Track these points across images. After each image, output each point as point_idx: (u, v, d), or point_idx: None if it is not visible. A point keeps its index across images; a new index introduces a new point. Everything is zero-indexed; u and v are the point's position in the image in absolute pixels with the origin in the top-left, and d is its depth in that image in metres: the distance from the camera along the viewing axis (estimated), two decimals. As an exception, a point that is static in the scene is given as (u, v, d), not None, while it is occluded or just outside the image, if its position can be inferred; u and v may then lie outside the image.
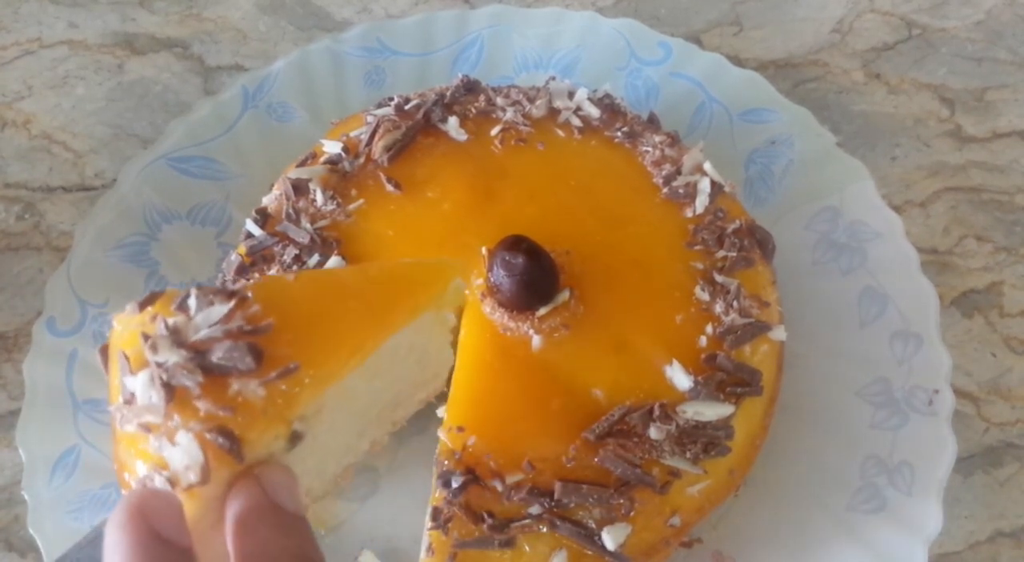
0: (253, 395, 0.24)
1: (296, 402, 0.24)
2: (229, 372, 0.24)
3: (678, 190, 0.41)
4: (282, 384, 0.24)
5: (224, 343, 0.24)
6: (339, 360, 0.26)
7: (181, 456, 0.23)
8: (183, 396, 0.23)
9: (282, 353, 0.24)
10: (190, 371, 0.23)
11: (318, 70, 0.50)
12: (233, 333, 0.24)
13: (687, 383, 0.35)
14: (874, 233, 0.43)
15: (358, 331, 0.26)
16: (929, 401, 0.38)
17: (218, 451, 0.23)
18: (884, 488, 0.37)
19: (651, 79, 0.50)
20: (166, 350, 0.24)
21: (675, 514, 0.34)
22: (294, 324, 0.25)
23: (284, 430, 0.25)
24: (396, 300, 0.28)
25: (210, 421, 0.23)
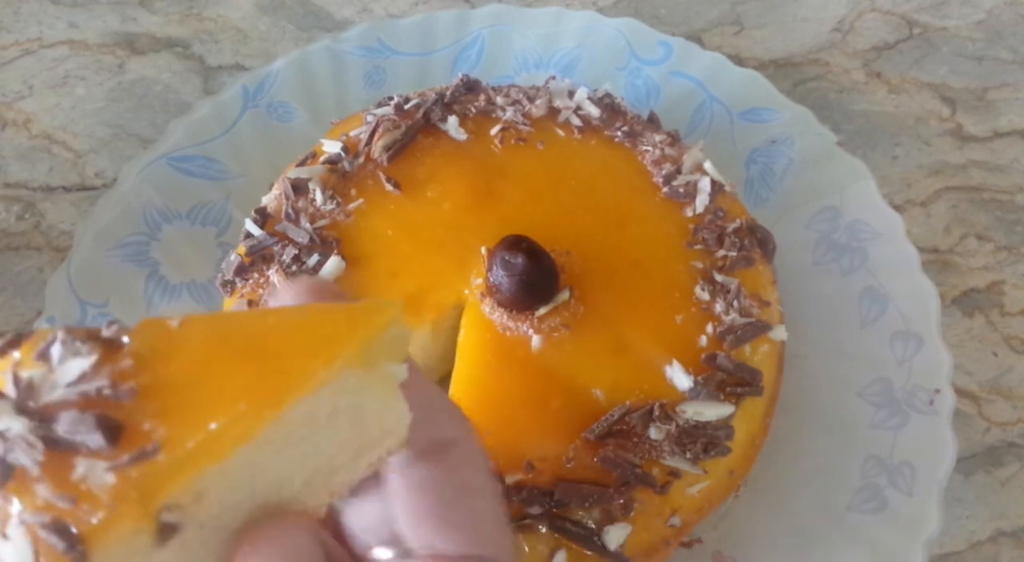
0: (101, 481, 0.19)
1: (158, 490, 0.19)
2: (75, 449, 0.19)
3: (678, 189, 0.40)
4: (137, 469, 0.19)
5: (71, 413, 0.19)
6: (217, 437, 0.20)
7: (11, 554, 0.19)
8: (21, 476, 0.19)
9: (144, 428, 0.19)
10: (30, 445, 0.19)
11: (318, 70, 0.50)
12: (89, 398, 0.19)
13: (687, 383, 0.35)
14: (875, 232, 0.43)
15: (246, 398, 0.20)
16: (930, 401, 0.38)
17: (52, 552, 0.18)
18: (884, 488, 0.37)
19: (651, 78, 0.50)
20: (7, 416, 0.19)
21: (675, 514, 0.34)
22: (166, 387, 0.20)
23: (147, 524, 0.19)
24: (300, 357, 0.21)
25: (46, 512, 0.18)
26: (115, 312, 0.42)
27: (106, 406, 0.19)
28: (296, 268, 0.38)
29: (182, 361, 0.20)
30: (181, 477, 0.19)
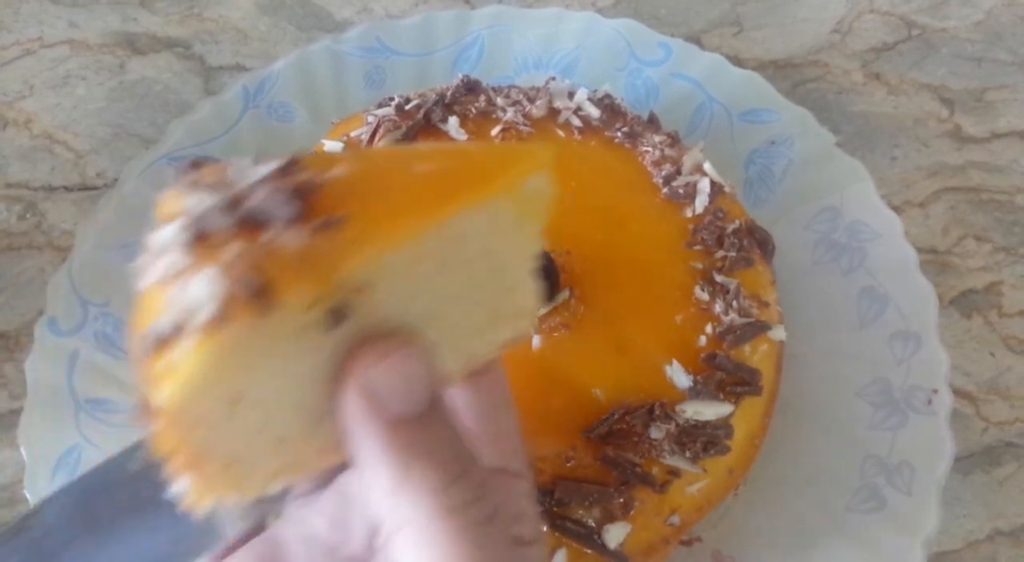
0: (291, 243, 0.20)
1: (341, 261, 0.20)
2: (267, 219, 0.20)
3: (678, 190, 0.41)
4: (326, 236, 0.20)
5: (265, 190, 0.21)
6: (396, 221, 0.21)
7: (196, 295, 0.19)
8: (211, 240, 0.20)
9: (330, 207, 0.21)
10: (224, 213, 0.20)
11: (318, 70, 0.50)
12: (277, 182, 0.21)
13: (687, 382, 0.35)
14: (874, 233, 0.43)
15: (420, 195, 0.22)
16: (928, 401, 0.39)
17: (239, 295, 0.19)
18: (883, 487, 0.37)
19: (651, 79, 0.50)
20: (200, 192, 0.21)
21: (674, 513, 0.34)
22: (347, 183, 0.22)
23: (325, 294, 0.21)
24: (465, 172, 0.23)
25: (237, 264, 0.20)
26: (117, 311, 0.43)
27: (293, 190, 0.20)
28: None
29: (357, 168, 0.22)
30: (362, 252, 0.21)
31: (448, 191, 0.22)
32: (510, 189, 0.24)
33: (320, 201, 0.21)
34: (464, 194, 0.23)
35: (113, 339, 0.42)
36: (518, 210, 0.25)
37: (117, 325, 0.42)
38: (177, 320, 0.19)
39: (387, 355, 0.21)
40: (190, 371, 0.19)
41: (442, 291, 0.24)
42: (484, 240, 0.24)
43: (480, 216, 0.23)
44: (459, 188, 0.23)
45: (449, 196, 0.22)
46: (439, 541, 0.20)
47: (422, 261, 0.23)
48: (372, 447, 0.20)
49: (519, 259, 0.26)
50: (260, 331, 0.20)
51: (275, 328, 0.20)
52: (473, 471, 0.21)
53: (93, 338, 0.42)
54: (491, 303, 0.26)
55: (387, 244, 0.21)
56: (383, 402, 0.20)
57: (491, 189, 0.23)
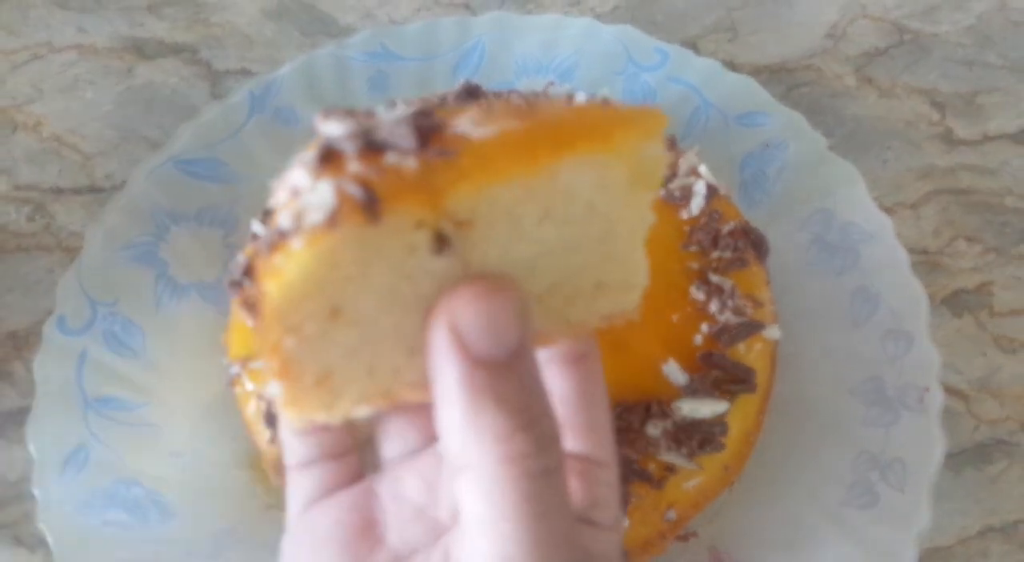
0: (406, 166, 0.21)
1: (448, 187, 0.21)
2: (389, 147, 0.22)
3: (674, 192, 0.42)
4: (437, 164, 0.21)
5: (392, 123, 0.22)
6: (505, 158, 0.22)
7: (314, 198, 0.21)
8: (337, 159, 0.22)
9: (450, 140, 0.22)
10: (352, 139, 0.22)
11: (323, 74, 0.51)
12: (403, 118, 0.22)
13: (683, 380, 0.36)
14: (866, 234, 0.44)
15: (534, 139, 0.23)
16: (920, 399, 0.39)
17: (352, 201, 0.20)
18: (876, 484, 0.38)
19: (648, 84, 0.51)
20: (335, 122, 0.22)
21: (671, 508, 0.35)
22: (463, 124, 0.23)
23: (431, 218, 0.21)
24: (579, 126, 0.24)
25: (355, 177, 0.21)
26: (125, 311, 0.43)
27: (416, 124, 0.22)
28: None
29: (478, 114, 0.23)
30: (468, 181, 0.21)
31: (561, 140, 0.23)
32: (623, 148, 0.23)
33: (440, 139, 0.22)
34: (576, 144, 0.23)
35: (121, 338, 0.43)
36: (631, 173, 0.24)
37: (125, 324, 0.43)
38: (294, 218, 0.20)
39: (481, 295, 0.21)
40: (297, 269, 0.20)
41: (545, 243, 0.24)
42: (593, 198, 0.24)
43: (590, 170, 0.23)
44: (572, 138, 0.23)
45: (561, 144, 0.23)
46: (496, 487, 0.20)
47: (527, 204, 0.23)
48: (449, 384, 0.20)
49: (629, 227, 0.26)
50: (367, 240, 0.21)
51: (382, 240, 0.21)
52: (543, 423, 0.21)
53: (102, 337, 0.43)
54: (595, 269, 0.26)
55: (493, 178, 0.22)
56: (467, 340, 0.21)
57: (604, 144, 0.23)
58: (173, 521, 0.38)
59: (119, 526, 0.38)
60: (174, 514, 0.39)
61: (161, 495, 0.39)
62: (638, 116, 0.24)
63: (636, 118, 0.24)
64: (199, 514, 0.39)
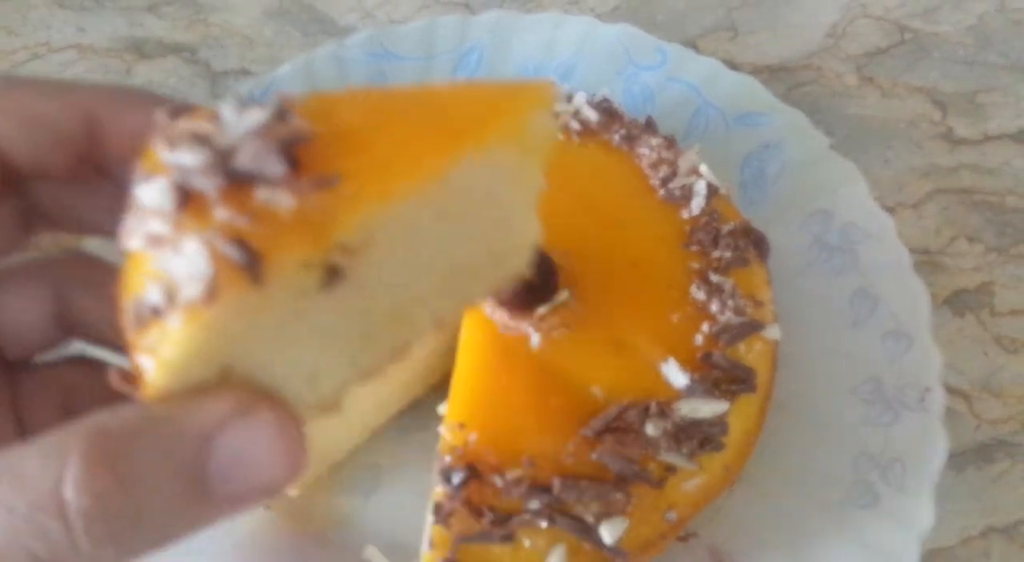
0: (281, 205, 0.19)
1: (335, 219, 0.19)
2: (256, 179, 0.19)
3: (674, 192, 0.41)
4: (318, 196, 0.19)
5: (252, 146, 0.19)
6: (391, 177, 0.20)
7: (186, 265, 0.18)
8: (199, 202, 0.19)
9: (322, 163, 0.20)
10: (210, 173, 0.19)
11: (322, 75, 0.50)
12: (269, 135, 0.20)
13: (683, 381, 0.36)
14: (867, 234, 0.44)
15: (419, 144, 0.21)
16: (921, 398, 0.39)
17: (231, 265, 0.18)
18: (877, 484, 0.38)
19: (648, 84, 0.51)
20: (185, 149, 0.19)
21: (671, 509, 0.35)
22: (341, 134, 0.20)
23: (319, 256, 0.19)
24: (464, 117, 0.22)
25: (226, 230, 0.18)
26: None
27: (283, 144, 0.19)
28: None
29: (353, 116, 0.21)
30: (358, 209, 0.19)
31: (446, 139, 0.21)
32: (510, 131, 0.22)
33: (312, 156, 0.19)
34: (462, 141, 0.21)
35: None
36: (520, 150, 0.23)
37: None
38: (166, 292, 0.18)
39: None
40: (176, 349, 0.18)
41: (443, 242, 0.23)
42: (485, 185, 0.23)
43: (480, 163, 0.22)
44: (457, 135, 0.21)
45: (447, 145, 0.21)
46: None
47: (421, 212, 0.21)
48: None
49: (521, 197, 0.25)
50: (252, 302, 0.18)
51: (267, 295, 0.19)
52: None
53: (100, 338, 0.42)
54: (490, 244, 0.25)
55: (383, 200, 0.20)
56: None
57: (490, 134, 0.22)
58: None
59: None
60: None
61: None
62: (519, 93, 0.23)
63: (518, 96, 0.23)
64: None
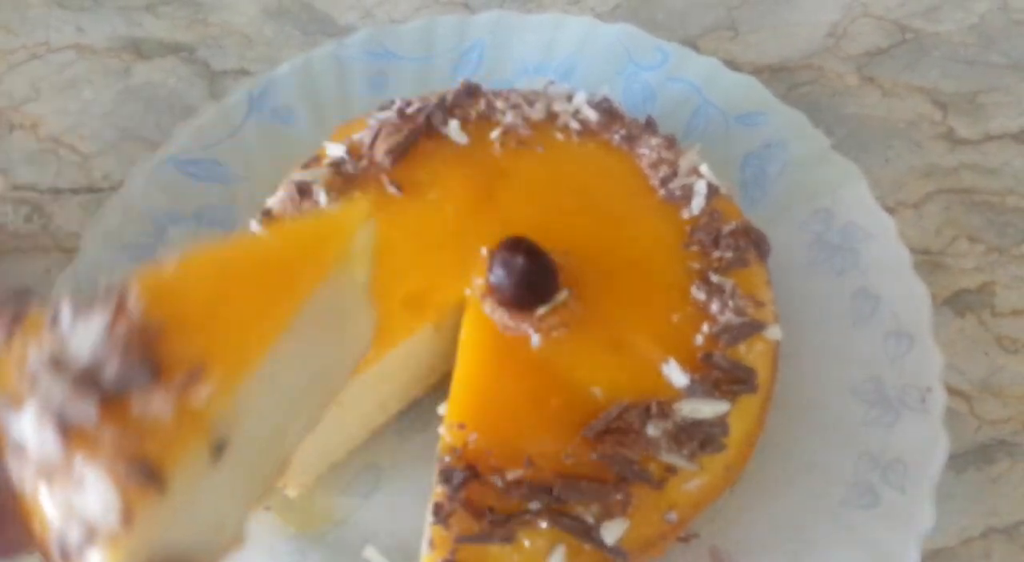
0: (160, 412, 0.20)
1: (214, 406, 0.21)
2: (128, 391, 0.20)
3: (675, 192, 0.41)
4: (191, 391, 0.21)
5: (114, 359, 0.20)
6: (250, 348, 0.22)
7: (94, 499, 0.19)
8: (80, 430, 0.20)
9: (181, 354, 0.21)
10: (80, 399, 0.20)
11: (322, 74, 0.50)
12: (120, 343, 0.21)
13: (684, 381, 0.36)
14: (867, 234, 0.44)
15: (264, 305, 0.23)
16: (922, 399, 0.39)
17: (134, 485, 0.19)
18: (877, 484, 0.38)
19: (648, 83, 0.50)
20: (48, 382, 0.20)
21: (672, 509, 0.34)
22: (187, 317, 0.22)
23: (204, 443, 0.21)
24: (298, 259, 0.24)
25: (119, 453, 0.20)
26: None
27: (140, 347, 0.20)
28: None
29: (193, 294, 0.22)
30: (230, 389, 0.21)
31: (287, 290, 0.23)
32: (343, 256, 0.25)
33: (169, 349, 0.20)
34: (303, 286, 0.23)
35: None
36: (353, 267, 0.26)
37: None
38: (84, 529, 0.19)
39: None
40: None
41: (301, 366, 0.25)
42: (328, 307, 0.25)
43: (323, 295, 0.24)
44: (296, 281, 0.23)
45: (290, 295, 0.23)
46: None
47: (280, 362, 0.23)
48: None
49: (354, 292, 0.27)
50: (161, 506, 0.20)
51: (171, 494, 0.20)
52: None
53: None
54: (339, 341, 0.27)
55: (247, 370, 0.22)
56: None
57: (327, 269, 0.24)
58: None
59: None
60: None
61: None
62: (338, 224, 0.26)
63: (339, 227, 0.25)
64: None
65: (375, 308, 0.29)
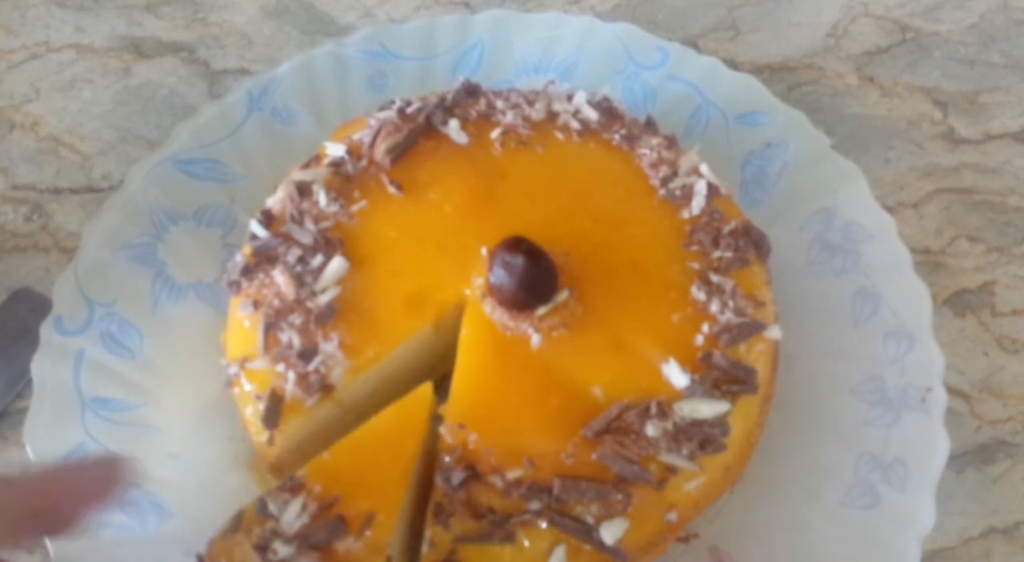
0: (355, 550, 0.31)
1: (382, 539, 0.32)
2: (332, 542, 0.31)
3: (675, 192, 0.41)
4: (369, 532, 0.32)
5: (317, 525, 0.32)
6: (394, 497, 0.33)
7: None
8: None
9: (356, 510, 0.32)
10: (306, 556, 0.31)
11: (322, 74, 0.50)
12: (315, 515, 0.32)
13: (683, 381, 0.36)
14: (867, 234, 0.44)
15: (394, 471, 0.34)
16: (922, 399, 0.39)
17: None
18: (878, 484, 0.38)
19: (648, 83, 0.50)
20: (282, 549, 0.31)
21: (672, 510, 0.34)
22: (349, 486, 0.33)
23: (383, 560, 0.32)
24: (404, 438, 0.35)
25: None
26: (122, 312, 0.43)
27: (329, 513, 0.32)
28: (301, 269, 0.39)
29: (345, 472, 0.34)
30: (389, 523, 0.33)
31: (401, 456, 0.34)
32: (423, 428, 0.36)
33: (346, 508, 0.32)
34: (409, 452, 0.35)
35: (119, 339, 0.43)
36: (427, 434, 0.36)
37: (122, 325, 0.43)
38: None
39: None
40: None
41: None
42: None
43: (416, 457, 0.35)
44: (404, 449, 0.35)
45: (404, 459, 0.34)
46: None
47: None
48: None
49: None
50: None
51: None
52: None
53: (99, 338, 0.42)
54: None
55: (396, 511, 0.33)
56: None
57: (418, 438, 0.35)
58: (172, 522, 0.38)
59: (117, 528, 0.37)
60: (173, 515, 0.38)
61: (159, 497, 0.39)
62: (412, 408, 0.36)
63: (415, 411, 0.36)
64: (198, 515, 0.38)
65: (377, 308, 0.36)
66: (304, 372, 0.37)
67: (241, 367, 0.38)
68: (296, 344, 0.37)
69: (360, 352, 0.37)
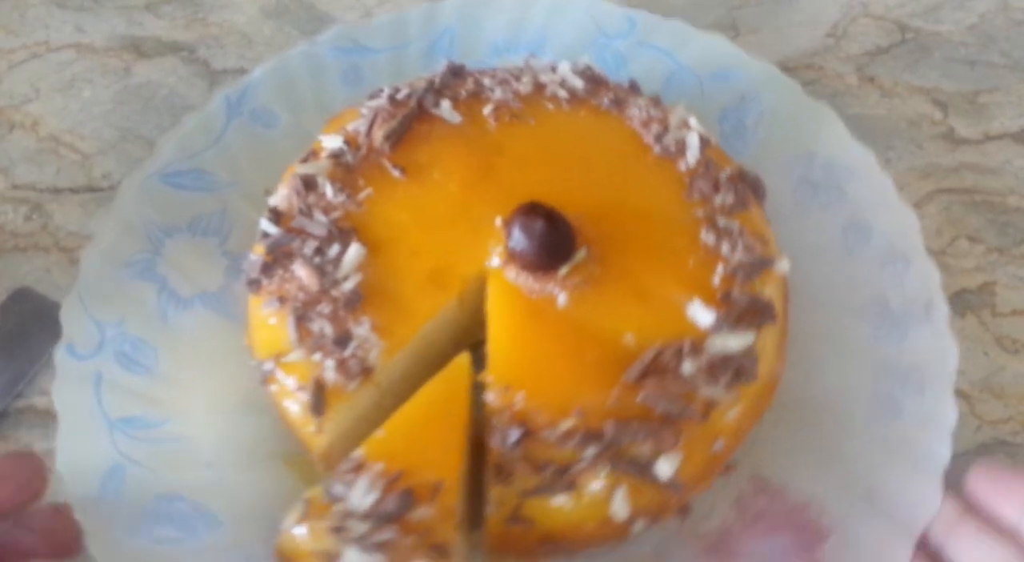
0: (428, 516, 0.32)
1: (453, 501, 0.33)
2: (404, 513, 0.32)
3: (669, 146, 0.43)
4: (438, 500, 0.33)
5: (387, 499, 0.32)
6: (455, 465, 0.34)
7: None
8: (392, 546, 0.31)
9: (421, 481, 0.33)
10: (382, 530, 0.31)
11: (297, 74, 0.50)
12: (384, 490, 0.33)
13: (709, 319, 0.37)
14: (849, 170, 0.46)
15: (448, 443, 0.35)
16: (926, 310, 0.41)
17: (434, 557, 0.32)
18: (897, 392, 0.40)
19: (619, 52, 0.52)
20: (358, 526, 0.31)
21: (718, 438, 0.36)
22: (410, 459, 0.34)
23: (454, 525, 0.33)
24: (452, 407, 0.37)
25: (420, 547, 0.31)
26: (133, 329, 0.42)
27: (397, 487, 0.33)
28: (320, 260, 0.39)
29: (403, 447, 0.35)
30: (454, 489, 0.34)
31: (454, 428, 0.35)
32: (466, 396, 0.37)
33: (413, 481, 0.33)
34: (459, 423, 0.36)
35: (133, 356, 0.42)
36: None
37: (135, 343, 0.42)
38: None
39: None
40: None
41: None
42: None
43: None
44: (456, 421, 0.36)
45: (457, 431, 0.35)
46: None
47: None
48: None
49: None
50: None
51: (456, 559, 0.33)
52: None
53: (114, 358, 0.41)
54: None
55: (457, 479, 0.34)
56: None
57: (464, 408, 0.36)
58: (222, 529, 0.38)
59: (170, 542, 0.37)
60: (222, 522, 0.38)
61: (205, 505, 0.38)
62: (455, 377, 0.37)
63: (460, 379, 0.37)
64: (247, 518, 0.38)
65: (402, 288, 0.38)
66: (342, 358, 0.37)
67: (276, 363, 0.37)
68: (329, 332, 0.37)
69: (392, 332, 0.38)
